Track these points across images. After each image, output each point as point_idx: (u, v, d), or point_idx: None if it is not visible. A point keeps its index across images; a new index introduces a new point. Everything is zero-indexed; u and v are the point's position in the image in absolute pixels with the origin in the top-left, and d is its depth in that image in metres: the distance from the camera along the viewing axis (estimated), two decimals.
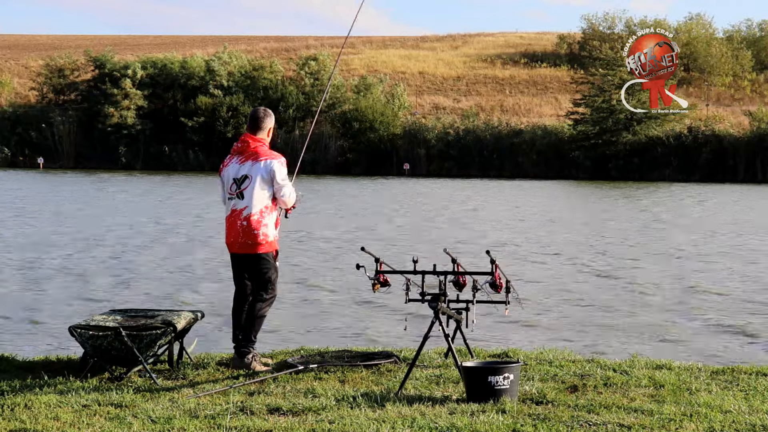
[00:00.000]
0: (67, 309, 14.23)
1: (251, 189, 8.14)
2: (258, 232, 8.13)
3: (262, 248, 8.17)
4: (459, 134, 70.55)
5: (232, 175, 8.24)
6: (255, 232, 8.13)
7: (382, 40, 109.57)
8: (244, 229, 8.14)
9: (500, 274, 8.02)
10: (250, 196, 8.14)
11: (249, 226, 8.13)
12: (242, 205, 8.17)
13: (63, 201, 38.64)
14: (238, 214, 8.18)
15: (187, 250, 22.03)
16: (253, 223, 8.13)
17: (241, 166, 8.23)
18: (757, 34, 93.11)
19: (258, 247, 8.16)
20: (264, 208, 8.16)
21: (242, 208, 8.16)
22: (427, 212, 34.72)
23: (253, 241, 8.14)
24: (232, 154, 8.36)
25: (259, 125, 8.35)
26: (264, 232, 8.15)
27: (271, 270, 8.24)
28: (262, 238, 8.15)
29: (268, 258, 8.22)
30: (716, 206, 39.74)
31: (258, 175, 8.15)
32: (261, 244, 8.16)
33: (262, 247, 8.17)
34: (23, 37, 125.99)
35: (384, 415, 6.64)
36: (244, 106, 73.03)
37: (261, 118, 8.37)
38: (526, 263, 20.11)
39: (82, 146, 75.82)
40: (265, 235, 8.16)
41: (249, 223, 8.13)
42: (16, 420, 6.58)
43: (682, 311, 14.62)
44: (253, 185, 8.14)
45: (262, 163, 8.17)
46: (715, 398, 7.18)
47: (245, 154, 8.26)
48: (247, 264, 8.28)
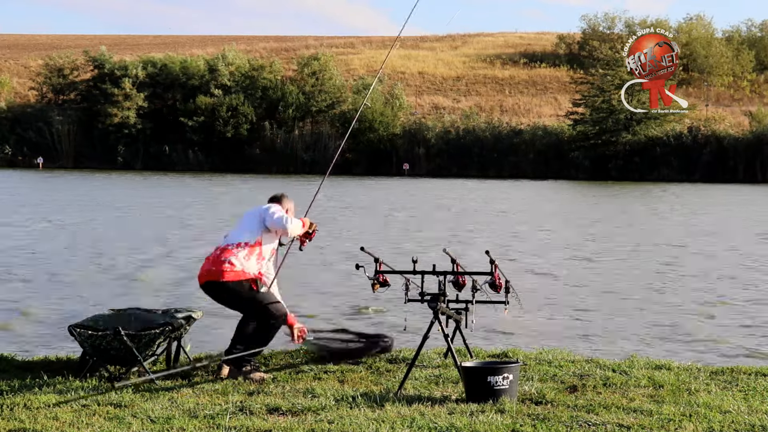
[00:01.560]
0: (67, 309, 14.22)
1: (239, 222, 8.30)
2: (224, 260, 7.97)
3: (226, 276, 7.95)
4: (459, 134, 70.58)
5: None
6: (222, 260, 7.98)
7: (382, 40, 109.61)
8: (215, 257, 8.05)
9: (500, 274, 8.02)
10: (238, 228, 8.21)
11: (219, 255, 8.04)
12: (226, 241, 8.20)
13: (62, 200, 38.67)
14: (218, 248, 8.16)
15: (187, 249, 22.02)
16: (223, 254, 8.03)
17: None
18: (757, 35, 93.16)
19: (222, 275, 7.94)
20: (244, 243, 8.07)
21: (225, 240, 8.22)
22: (426, 212, 34.72)
23: (217, 268, 7.97)
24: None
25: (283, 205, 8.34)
26: (231, 260, 7.97)
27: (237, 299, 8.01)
28: (227, 266, 7.96)
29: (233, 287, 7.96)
30: (718, 206, 39.74)
31: (252, 213, 8.22)
32: (224, 271, 7.95)
33: (226, 275, 7.95)
34: (23, 36, 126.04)
35: (383, 415, 6.64)
36: (244, 106, 73.08)
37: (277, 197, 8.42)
38: (525, 263, 20.10)
39: (81, 146, 75.88)
40: (231, 264, 7.97)
41: (221, 252, 8.05)
42: (15, 420, 6.58)
43: (682, 311, 14.62)
44: (245, 219, 8.24)
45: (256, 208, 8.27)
46: (715, 398, 7.19)
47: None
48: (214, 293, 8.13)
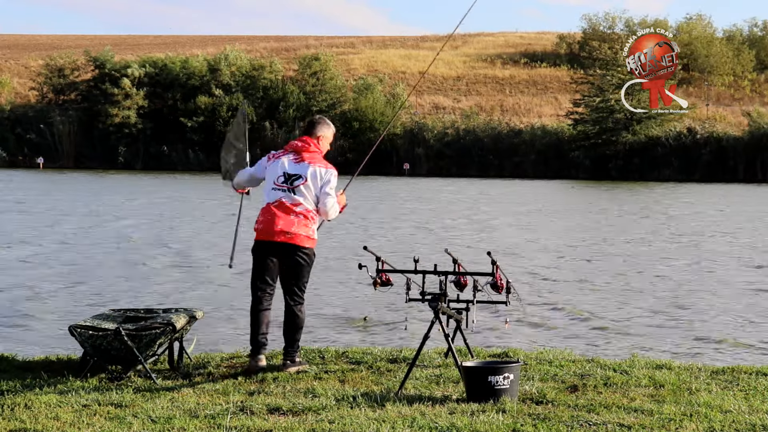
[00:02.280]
0: (67, 308, 14.22)
1: (306, 189, 8.13)
2: (309, 228, 8.10)
3: (309, 242, 8.12)
4: (459, 134, 70.58)
5: (282, 170, 8.17)
6: (306, 227, 8.09)
7: (382, 40, 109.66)
8: (300, 221, 8.07)
9: (501, 274, 8.02)
10: (304, 195, 8.11)
11: (305, 219, 8.09)
12: (297, 200, 8.10)
13: (64, 199, 38.67)
14: (291, 207, 8.08)
15: (186, 249, 22.03)
16: (308, 218, 8.10)
17: (297, 164, 8.19)
18: (758, 34, 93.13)
19: (304, 240, 8.08)
20: (315, 209, 8.17)
21: (296, 203, 8.09)
22: (427, 212, 34.73)
23: (304, 233, 8.07)
24: (286, 150, 8.33)
25: (318, 131, 8.34)
26: (313, 229, 8.15)
27: (306, 267, 8.16)
28: (312, 233, 8.13)
29: (309, 254, 8.14)
30: (720, 206, 39.75)
31: (313, 178, 8.14)
32: (309, 237, 8.11)
33: (309, 241, 8.12)
34: (23, 37, 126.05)
35: (384, 414, 6.64)
36: (245, 106, 73.08)
37: (321, 124, 8.40)
38: (525, 263, 20.10)
39: (82, 146, 75.86)
40: (314, 232, 8.16)
41: (305, 217, 8.10)
42: (16, 420, 6.58)
43: (682, 311, 14.61)
44: (307, 186, 8.13)
45: (318, 169, 8.17)
46: (715, 398, 7.18)
47: (302, 154, 8.24)
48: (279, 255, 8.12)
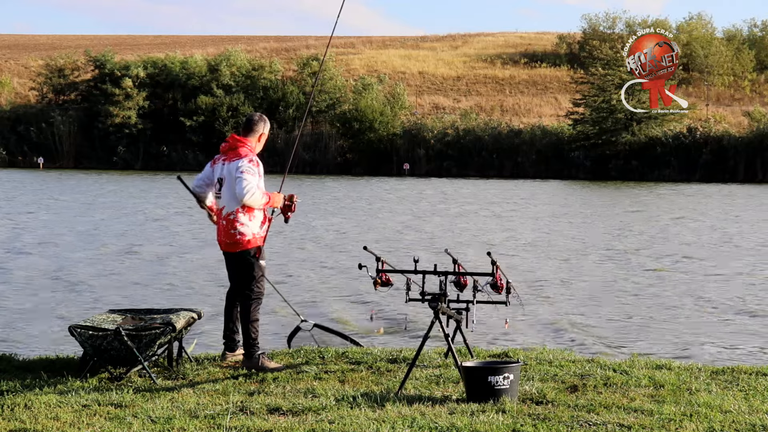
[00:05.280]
0: (67, 309, 14.22)
1: (226, 189, 8.31)
2: (234, 231, 8.27)
3: (239, 247, 8.30)
4: (459, 134, 70.53)
5: (217, 175, 8.42)
6: (231, 231, 8.29)
7: (382, 40, 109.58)
8: (224, 228, 8.33)
9: (501, 275, 8.02)
10: (226, 196, 8.31)
11: (226, 225, 8.31)
12: (222, 205, 8.37)
13: (61, 200, 38.66)
14: (219, 213, 8.40)
15: (186, 249, 22.03)
16: (229, 222, 8.29)
17: (222, 166, 8.37)
18: (758, 35, 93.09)
19: (235, 246, 8.31)
20: (240, 207, 8.22)
21: (222, 208, 8.37)
22: (427, 212, 34.72)
23: (231, 240, 8.31)
24: (220, 153, 8.48)
25: (251, 128, 8.47)
26: (240, 230, 8.26)
27: (250, 268, 8.32)
28: (239, 237, 8.28)
29: (245, 256, 8.31)
30: (723, 205, 39.74)
31: (230, 175, 8.25)
32: (237, 242, 8.29)
33: (238, 246, 8.29)
34: (23, 37, 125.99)
35: (384, 415, 6.64)
36: (244, 106, 73.00)
37: (254, 121, 8.50)
38: (525, 263, 20.10)
39: (82, 146, 75.77)
40: (242, 234, 8.27)
41: (227, 222, 8.31)
42: (16, 420, 6.58)
43: (683, 311, 14.62)
44: (227, 186, 8.28)
45: (233, 164, 8.25)
46: (715, 398, 7.18)
47: (228, 154, 8.38)
48: (229, 261, 8.46)
